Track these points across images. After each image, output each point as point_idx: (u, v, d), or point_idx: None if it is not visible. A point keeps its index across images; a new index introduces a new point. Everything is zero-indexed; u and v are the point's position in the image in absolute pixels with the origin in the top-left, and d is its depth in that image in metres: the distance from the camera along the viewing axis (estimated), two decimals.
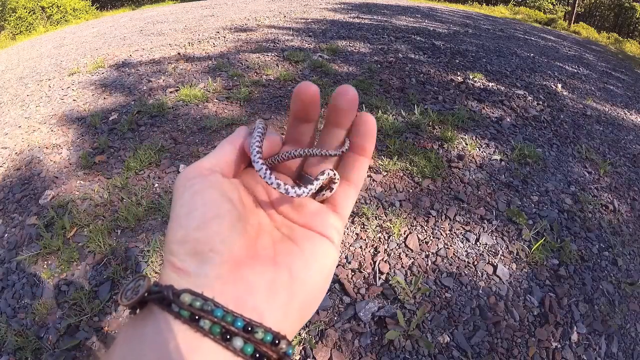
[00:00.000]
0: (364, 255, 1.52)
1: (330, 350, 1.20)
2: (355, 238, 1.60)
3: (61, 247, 1.59)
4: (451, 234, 1.67)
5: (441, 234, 1.66)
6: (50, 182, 2.00)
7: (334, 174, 0.30)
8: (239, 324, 0.21)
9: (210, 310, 0.21)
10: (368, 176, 1.96)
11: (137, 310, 0.23)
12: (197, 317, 0.21)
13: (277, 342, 0.22)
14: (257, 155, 0.28)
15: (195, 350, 0.20)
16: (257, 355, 0.22)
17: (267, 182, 0.28)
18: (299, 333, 1.23)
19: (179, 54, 3.88)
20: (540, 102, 3.14)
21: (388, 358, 1.19)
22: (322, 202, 0.31)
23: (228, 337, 0.21)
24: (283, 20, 5.63)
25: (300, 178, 0.32)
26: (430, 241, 1.62)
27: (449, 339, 1.27)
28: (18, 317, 1.38)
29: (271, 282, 0.24)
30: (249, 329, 0.21)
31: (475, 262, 1.54)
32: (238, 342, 0.21)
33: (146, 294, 0.22)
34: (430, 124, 2.49)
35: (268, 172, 0.28)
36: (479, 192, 1.93)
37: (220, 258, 0.23)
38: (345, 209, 0.31)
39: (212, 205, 0.25)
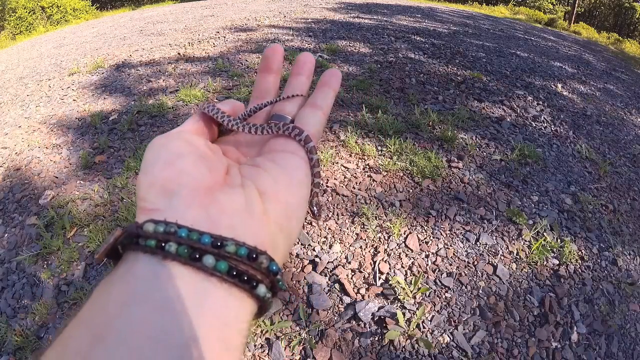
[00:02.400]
0: (364, 255, 1.52)
1: (330, 350, 1.20)
2: (355, 238, 1.60)
3: (61, 247, 1.59)
4: (451, 234, 1.67)
5: (441, 234, 1.66)
6: (50, 182, 2.00)
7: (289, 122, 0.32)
8: (206, 239, 0.20)
9: (174, 232, 0.20)
10: (368, 176, 1.96)
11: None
12: (163, 244, 0.19)
13: (254, 256, 0.21)
14: (214, 108, 0.32)
15: (163, 278, 0.19)
16: (235, 273, 0.20)
17: (221, 121, 0.32)
18: (299, 333, 1.23)
19: (179, 54, 3.88)
20: (540, 102, 3.14)
21: (388, 358, 1.19)
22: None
23: (197, 256, 0.19)
24: (283, 20, 5.63)
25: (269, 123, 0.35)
26: (430, 241, 1.62)
27: (449, 339, 1.27)
28: (18, 317, 1.38)
29: (243, 202, 0.23)
30: (219, 243, 0.20)
31: (475, 262, 1.54)
32: (209, 260, 0.19)
33: (117, 241, 0.21)
34: (430, 124, 2.49)
35: (219, 112, 0.32)
36: (479, 192, 1.93)
37: (189, 189, 0.23)
38: (312, 127, 0.31)
39: (175, 150, 0.25)
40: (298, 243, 1.55)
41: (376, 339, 1.24)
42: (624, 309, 1.51)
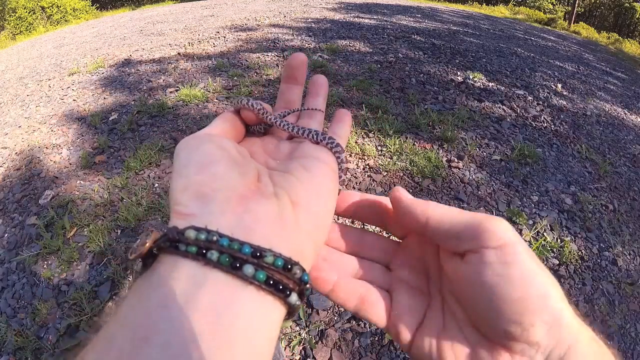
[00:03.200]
0: None
1: (330, 350, 1.20)
2: None
3: (61, 247, 1.59)
4: None
5: None
6: (50, 182, 2.00)
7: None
8: (247, 250, 0.21)
9: (216, 241, 0.20)
10: (368, 176, 1.96)
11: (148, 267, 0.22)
12: (204, 251, 0.20)
13: (289, 267, 0.22)
14: (256, 103, 0.32)
15: (204, 284, 0.20)
16: (271, 282, 0.21)
17: (279, 125, 0.32)
18: (299, 333, 1.23)
19: (179, 54, 3.88)
20: (540, 102, 3.14)
21: (388, 358, 1.19)
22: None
23: (238, 265, 0.20)
24: (283, 20, 5.63)
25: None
26: None
27: None
28: (18, 317, 1.38)
29: (276, 212, 0.24)
30: (258, 254, 0.21)
31: None
32: (249, 270, 0.20)
33: (154, 243, 0.21)
34: (430, 123, 2.49)
35: (278, 118, 0.32)
36: (479, 192, 1.93)
37: (223, 195, 0.23)
38: (341, 139, 0.33)
39: (208, 153, 0.26)
40: None
41: (376, 339, 1.24)
42: (624, 309, 1.51)
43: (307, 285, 0.23)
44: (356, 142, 2.22)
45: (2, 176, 2.12)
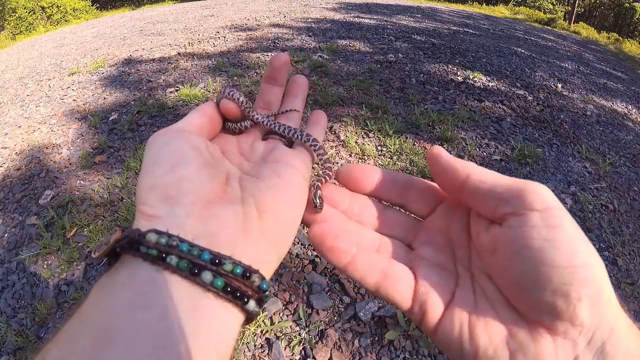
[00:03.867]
0: None
1: (330, 350, 1.20)
2: None
3: (61, 247, 1.59)
4: None
5: None
6: (50, 182, 2.00)
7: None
8: (206, 256, 0.21)
9: (176, 246, 0.20)
10: None
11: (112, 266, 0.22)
12: (164, 255, 0.20)
13: (248, 275, 0.22)
14: (237, 94, 0.32)
15: (164, 288, 0.20)
16: (229, 289, 0.21)
17: (262, 122, 0.32)
18: (299, 333, 1.23)
19: (179, 53, 3.88)
20: (540, 102, 3.14)
21: (388, 358, 1.19)
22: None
23: (196, 271, 0.20)
24: (283, 20, 5.63)
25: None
26: None
27: None
28: (18, 317, 1.38)
29: (242, 218, 0.24)
30: (217, 261, 0.21)
31: None
32: (207, 276, 0.20)
33: (116, 243, 0.22)
34: (430, 123, 2.49)
35: (265, 116, 0.32)
36: None
37: (190, 198, 0.23)
38: (307, 154, 0.32)
39: (179, 152, 0.25)
40: (298, 243, 1.55)
41: (376, 339, 1.24)
42: (624, 309, 1.51)
43: (266, 293, 0.23)
44: (356, 142, 2.22)
45: (2, 176, 2.12)
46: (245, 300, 0.22)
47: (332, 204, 0.30)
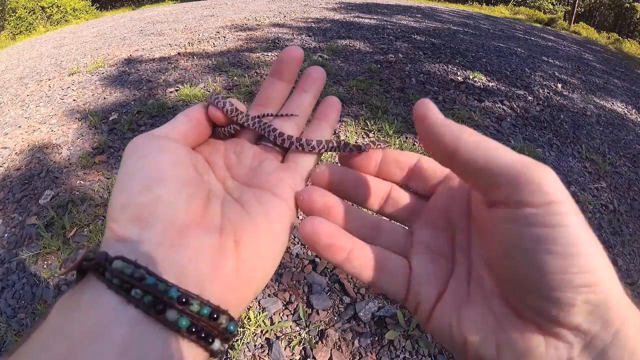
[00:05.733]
0: None
1: (330, 350, 1.20)
2: None
3: (61, 247, 1.59)
4: None
5: None
6: (50, 182, 2.00)
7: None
8: (173, 294, 0.19)
9: (142, 278, 0.19)
10: None
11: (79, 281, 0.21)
12: (129, 287, 0.19)
13: (215, 316, 0.20)
14: (225, 102, 0.30)
15: (126, 322, 0.19)
16: (194, 329, 0.20)
17: (262, 132, 0.30)
18: (299, 333, 1.23)
19: (179, 54, 3.88)
20: (540, 102, 3.14)
21: (388, 358, 1.19)
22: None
23: (161, 308, 0.19)
24: (283, 19, 5.63)
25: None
26: None
27: None
28: (18, 317, 1.38)
29: (217, 250, 0.22)
30: (184, 300, 0.19)
31: None
32: (172, 315, 0.19)
33: (83, 262, 0.20)
34: None
35: (267, 124, 0.30)
36: None
37: (163, 224, 0.21)
38: (302, 167, 0.30)
39: (157, 168, 0.23)
40: (298, 243, 1.55)
41: (376, 339, 1.24)
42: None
43: (234, 334, 0.22)
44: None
45: (2, 176, 2.12)
46: (210, 340, 0.21)
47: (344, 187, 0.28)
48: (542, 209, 0.18)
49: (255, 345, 1.20)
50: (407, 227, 0.28)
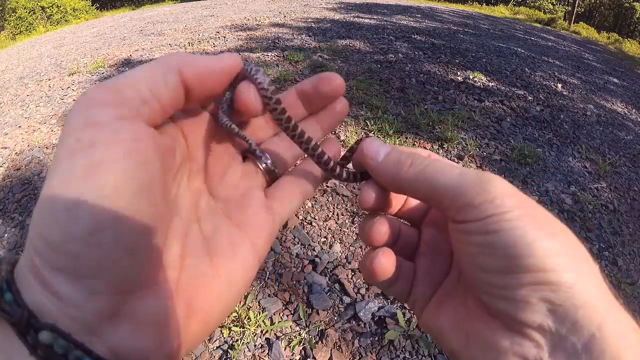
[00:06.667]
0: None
1: (330, 350, 1.20)
2: (355, 238, 1.60)
3: None
4: None
5: None
6: None
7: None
8: None
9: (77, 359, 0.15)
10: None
11: None
12: None
13: None
14: (259, 71, 0.22)
15: None
16: None
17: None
18: (299, 333, 1.23)
19: None
20: (540, 102, 3.14)
21: (388, 358, 1.19)
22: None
23: None
24: (283, 19, 5.63)
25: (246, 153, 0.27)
26: None
27: None
28: None
29: (165, 319, 0.18)
30: None
31: None
32: None
33: (1, 310, 0.15)
34: (430, 123, 2.49)
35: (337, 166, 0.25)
36: None
37: (106, 285, 0.16)
38: (285, 211, 0.26)
39: (115, 193, 0.16)
40: (298, 243, 1.55)
41: (376, 339, 1.24)
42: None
43: None
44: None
45: (2, 176, 2.12)
46: None
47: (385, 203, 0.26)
48: (480, 222, 0.19)
49: (255, 345, 1.20)
50: (417, 229, 0.29)
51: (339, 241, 1.57)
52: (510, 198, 0.19)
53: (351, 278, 1.43)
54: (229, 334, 1.21)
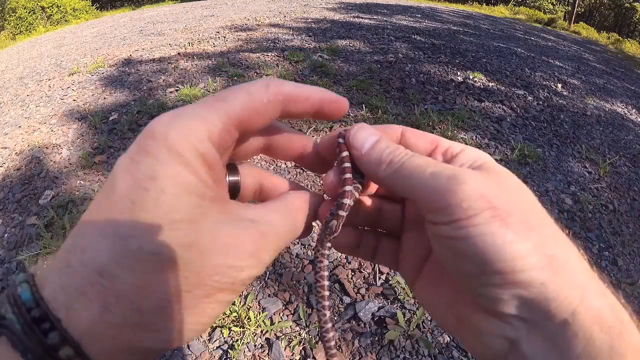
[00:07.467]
0: None
1: None
2: None
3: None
4: None
5: None
6: (50, 182, 2.00)
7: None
8: None
9: None
10: None
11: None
12: None
13: None
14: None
15: None
16: None
17: None
18: (299, 333, 1.23)
19: (179, 53, 3.88)
20: (540, 102, 3.14)
21: (388, 358, 1.19)
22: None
23: None
24: (283, 20, 5.63)
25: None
26: None
27: (449, 339, 1.27)
28: None
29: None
30: None
31: None
32: None
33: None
34: (430, 124, 2.49)
35: None
36: None
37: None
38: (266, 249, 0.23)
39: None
40: (298, 243, 1.55)
41: (376, 339, 1.24)
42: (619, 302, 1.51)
43: None
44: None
45: (2, 176, 2.12)
46: None
47: None
48: (449, 226, 0.19)
49: (255, 345, 1.20)
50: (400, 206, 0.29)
51: None
52: (480, 200, 0.19)
53: (351, 278, 1.43)
54: (229, 334, 1.21)
